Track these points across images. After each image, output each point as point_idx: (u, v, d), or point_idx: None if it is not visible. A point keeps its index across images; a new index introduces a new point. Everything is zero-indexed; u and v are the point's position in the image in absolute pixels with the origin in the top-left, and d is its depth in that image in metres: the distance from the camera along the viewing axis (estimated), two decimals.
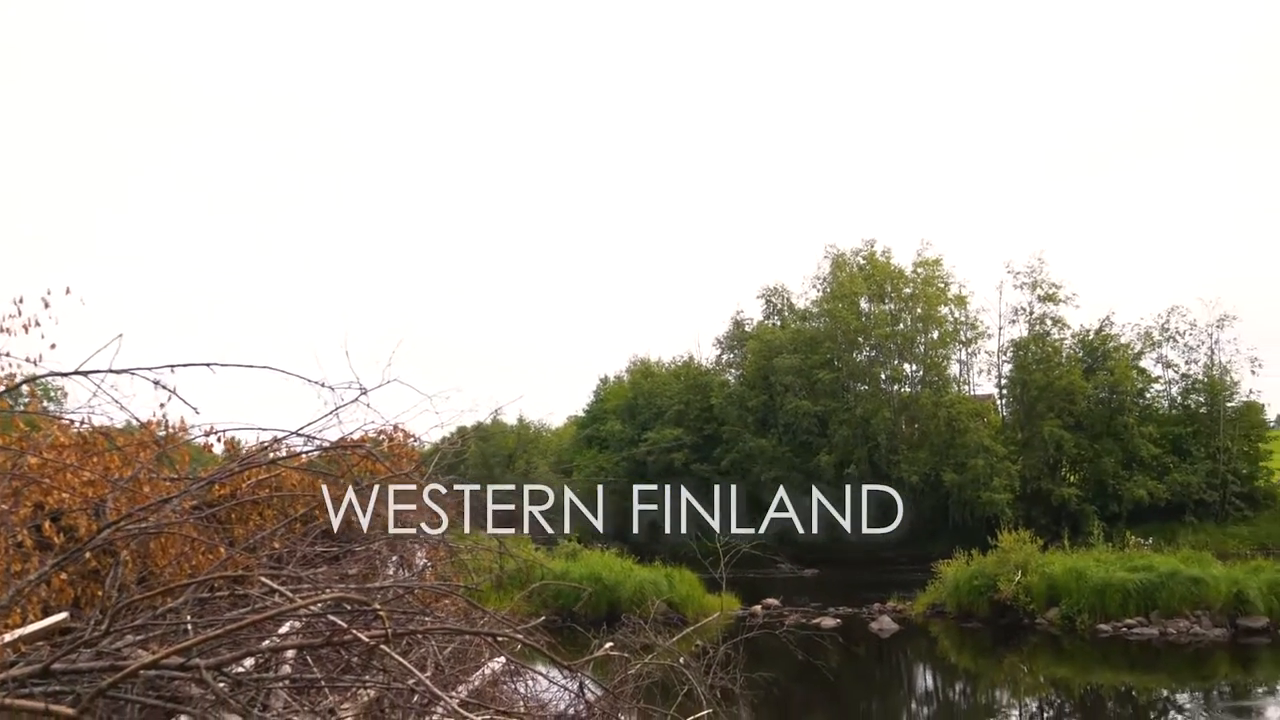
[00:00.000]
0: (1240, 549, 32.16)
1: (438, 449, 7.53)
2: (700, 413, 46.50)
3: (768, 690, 16.75)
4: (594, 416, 55.99)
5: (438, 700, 4.74)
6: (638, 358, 55.24)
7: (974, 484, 37.32)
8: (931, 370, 41.85)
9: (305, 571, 5.53)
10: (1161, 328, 43.07)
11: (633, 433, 48.36)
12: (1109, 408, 40.08)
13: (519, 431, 77.39)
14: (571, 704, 6.09)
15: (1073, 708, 16.12)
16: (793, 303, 47.70)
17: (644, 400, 49.53)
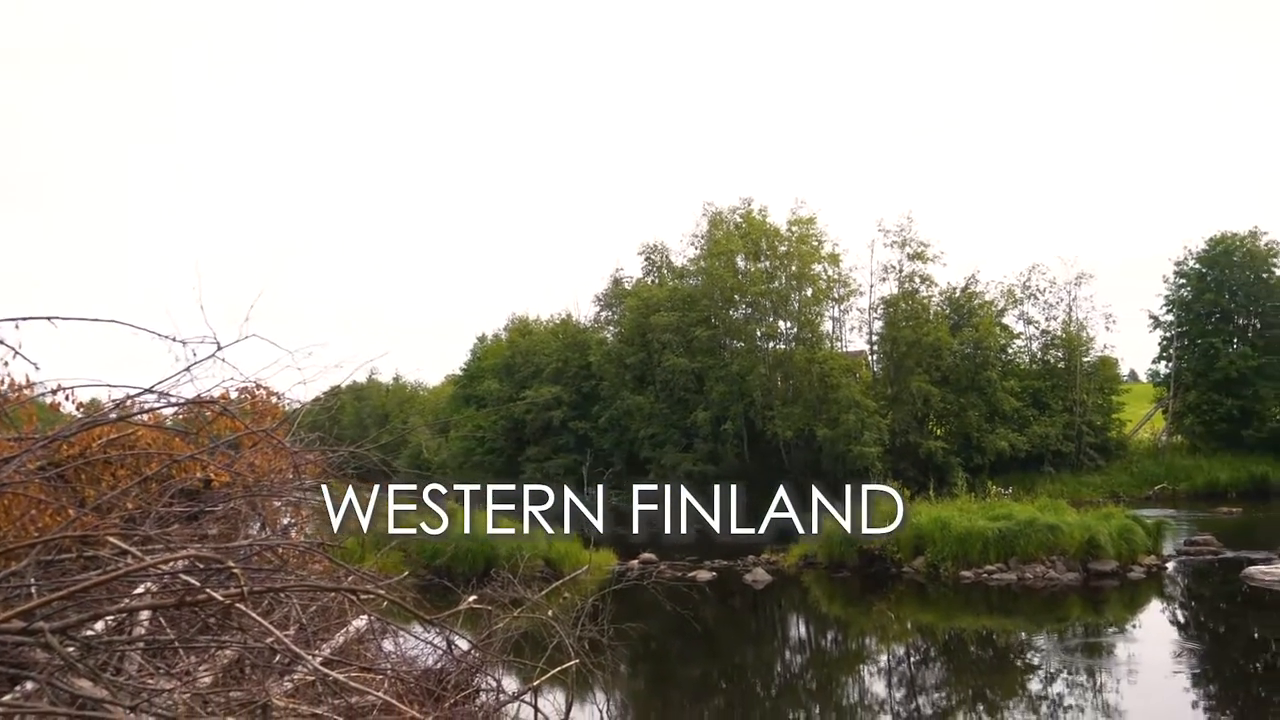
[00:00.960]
0: (1094, 497, 33.76)
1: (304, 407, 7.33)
2: (578, 370, 46.58)
3: (643, 642, 16.99)
4: (471, 375, 55.65)
5: (299, 659, 4.68)
6: (516, 316, 55.08)
7: (846, 438, 38.24)
8: (805, 327, 42.56)
9: (159, 531, 5.37)
10: (1023, 285, 44.87)
11: (511, 391, 48.24)
12: (974, 363, 41.44)
13: (395, 390, 76.46)
14: (439, 659, 6.08)
15: (937, 651, 16.73)
16: (671, 260, 48.02)
17: (522, 358, 49.38)
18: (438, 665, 6.04)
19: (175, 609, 4.66)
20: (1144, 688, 13.35)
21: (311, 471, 7.00)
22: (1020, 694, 13.78)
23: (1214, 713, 12.65)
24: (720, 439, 40.82)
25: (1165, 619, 18.51)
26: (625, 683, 15.62)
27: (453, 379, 62.69)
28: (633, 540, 29.89)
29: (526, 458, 45.40)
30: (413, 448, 60.65)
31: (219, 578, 4.35)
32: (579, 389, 46.16)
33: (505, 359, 50.84)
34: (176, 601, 4.35)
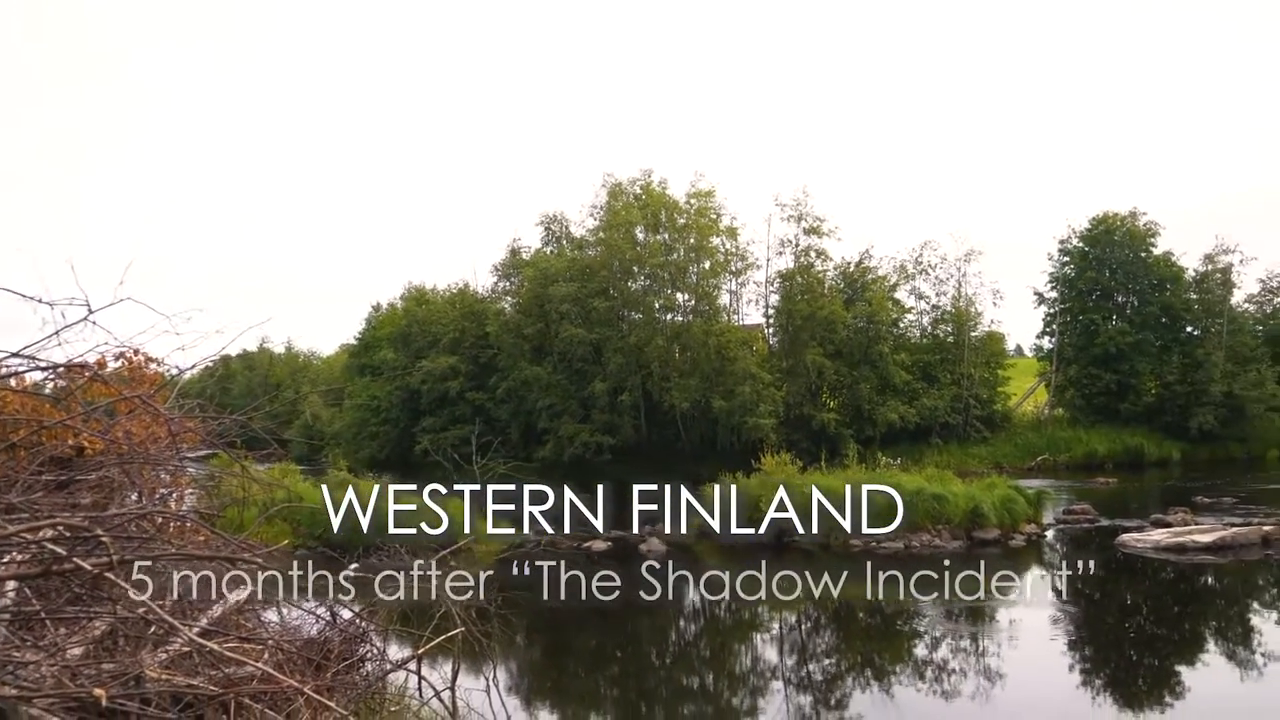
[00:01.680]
0: (979, 468, 34.74)
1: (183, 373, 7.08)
2: (476, 340, 46.13)
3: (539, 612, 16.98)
4: (366, 344, 54.76)
5: (175, 630, 4.54)
6: (412, 284, 54.22)
7: (741, 410, 38.64)
8: (703, 300, 42.78)
9: (25, 499, 5.15)
10: (915, 261, 45.75)
11: (406, 361, 47.58)
12: (866, 337, 42.16)
13: (288, 359, 74.86)
14: (324, 629, 5.97)
15: (828, 618, 17.05)
16: (570, 231, 47.72)
17: (418, 328, 48.71)
18: (322, 635, 5.93)
19: (42, 579, 4.48)
20: (1023, 650, 13.83)
21: (191, 440, 6.78)
22: (906, 658, 14.16)
23: (1089, 674, 13.17)
24: (618, 410, 40.89)
25: (1045, 585, 19.17)
26: (521, 652, 15.61)
27: (347, 348, 61.61)
28: None
29: (422, 428, 44.87)
30: (305, 418, 59.54)
31: (88, 547, 4.19)
32: (476, 359, 45.72)
33: (401, 328, 50.08)
34: (42, 571, 4.19)
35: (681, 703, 13.01)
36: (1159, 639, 15.01)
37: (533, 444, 42.19)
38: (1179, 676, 13.07)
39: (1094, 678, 13.10)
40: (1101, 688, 12.67)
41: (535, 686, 13.77)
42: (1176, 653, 14.12)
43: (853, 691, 12.77)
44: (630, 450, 41.40)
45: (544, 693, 13.47)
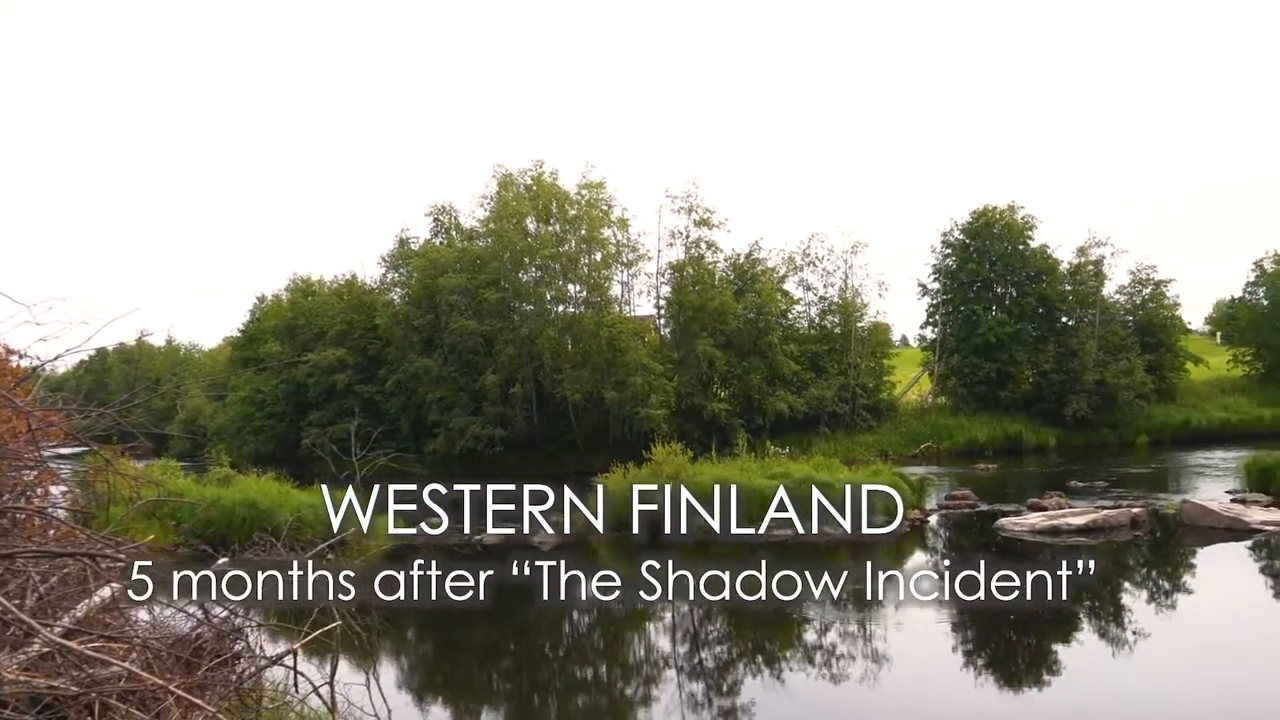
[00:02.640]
0: (865, 455, 35.45)
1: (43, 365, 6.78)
2: (364, 333, 45.34)
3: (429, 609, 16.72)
4: (250, 337, 53.42)
5: (34, 631, 4.35)
6: (298, 276, 53.06)
7: (633, 401, 38.76)
8: (595, 291, 42.77)
9: None
10: (804, 253, 46.48)
11: (292, 354, 46.53)
12: (756, 328, 42.66)
13: (168, 353, 72.64)
14: (196, 626, 5.79)
15: (720, 607, 17.19)
16: (460, 222, 47.24)
17: (304, 320, 47.69)
18: (194, 633, 5.75)
19: None
20: (908, 632, 14.14)
21: (56, 435, 6.49)
22: (796, 644, 14.36)
23: (970, 653, 13.55)
24: (509, 402, 40.62)
25: (927, 569, 19.65)
26: (408, 647, 15.41)
27: (231, 341, 59.99)
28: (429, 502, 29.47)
29: (309, 422, 43.94)
30: (187, 412, 57.81)
31: None
32: (364, 352, 44.94)
33: (286, 320, 48.96)
34: None
35: (568, 697, 12.99)
36: (1033, 620, 15.51)
37: (423, 437, 41.66)
38: (1056, 656, 13.53)
39: (975, 658, 13.50)
40: (982, 667, 13.06)
41: (420, 681, 13.62)
42: (1051, 632, 14.59)
43: (743, 681, 12.90)
44: (522, 442, 41.20)
45: (429, 687, 13.33)
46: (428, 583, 7.81)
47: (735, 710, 11.78)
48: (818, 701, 11.89)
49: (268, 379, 47.09)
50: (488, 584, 8.61)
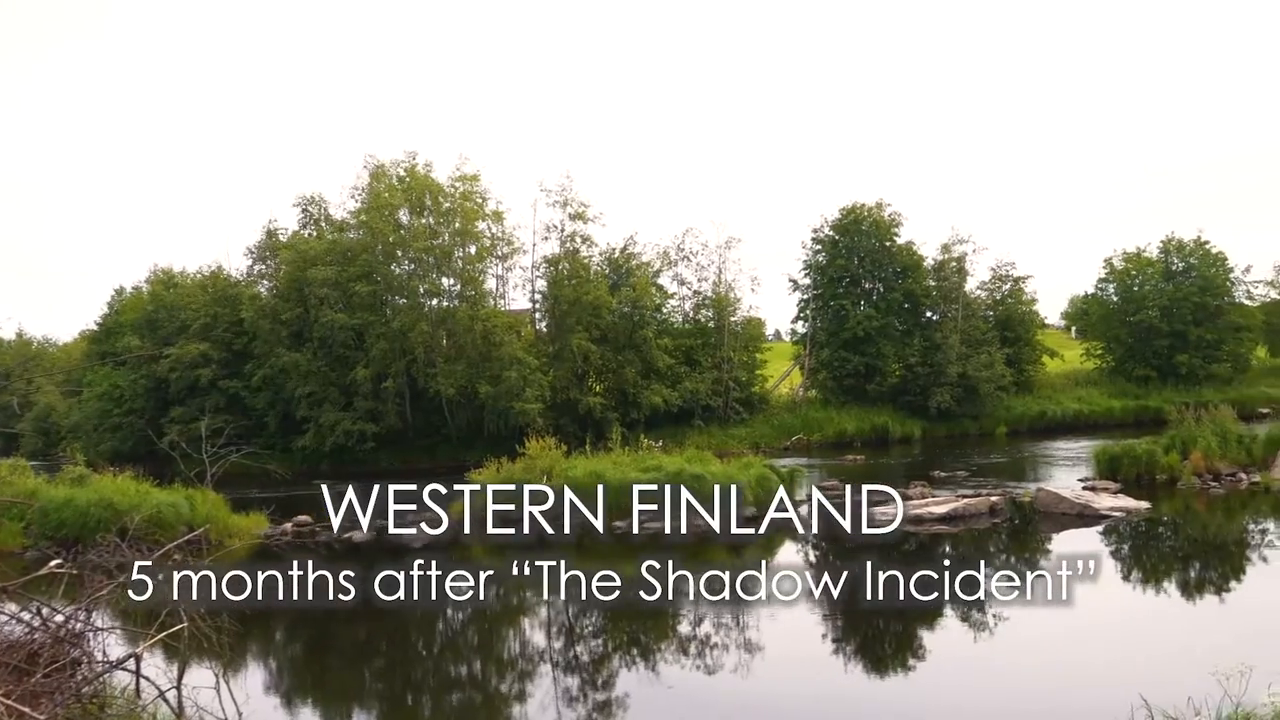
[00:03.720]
0: (738, 448, 35.87)
1: None
2: (229, 326, 43.95)
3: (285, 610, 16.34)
4: (108, 330, 51.32)
5: None
6: (159, 267, 51.16)
7: (508, 395, 38.51)
8: (469, 284, 42.33)
9: None
10: (678, 248, 46.84)
11: (153, 348, 44.85)
12: (631, 322, 42.83)
13: (18, 347, 69.29)
14: (31, 632, 5.50)
15: (589, 606, 17.18)
16: (330, 214, 46.15)
17: (166, 313, 45.99)
18: (28, 638, 5.46)
19: None
20: (781, 620, 14.39)
21: None
22: (670, 635, 14.48)
23: (841, 640, 13.86)
24: (381, 397, 39.91)
25: (797, 558, 20.01)
26: (270, 648, 15.03)
27: (87, 334, 57.51)
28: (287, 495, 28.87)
29: (171, 419, 42.39)
30: (39, 409, 55.29)
31: None
32: (230, 346, 43.55)
33: (147, 313, 47.11)
34: None
35: (432, 696, 12.85)
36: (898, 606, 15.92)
37: (292, 433, 40.63)
38: (920, 637, 13.93)
39: (844, 644, 13.81)
40: (852, 653, 13.38)
41: (276, 682, 13.32)
42: (920, 619, 15.00)
43: (617, 675, 12.95)
44: (395, 438, 40.57)
45: (284, 689, 13.03)
46: (291, 583, 7.62)
47: (608, 705, 11.81)
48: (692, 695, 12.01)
49: (126, 374, 45.29)
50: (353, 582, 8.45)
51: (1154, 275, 54.16)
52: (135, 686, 5.62)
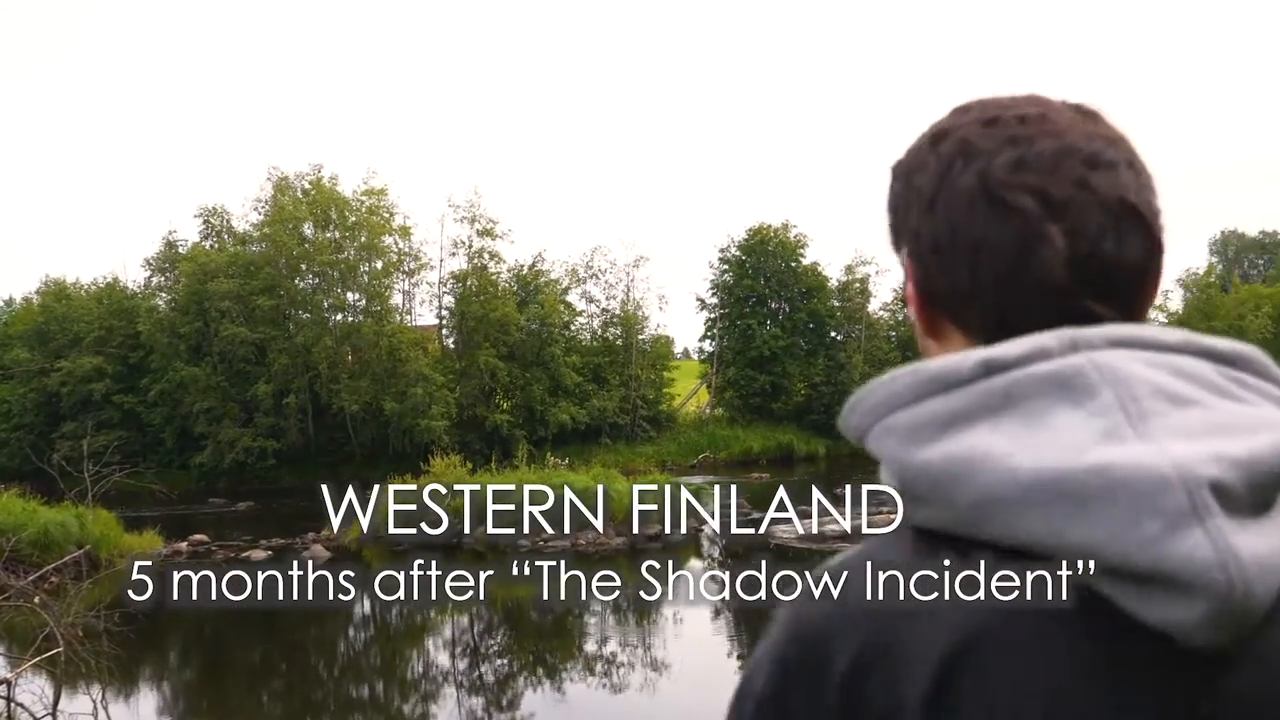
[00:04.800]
0: (645, 466, 36.10)
1: None
2: (125, 339, 42.69)
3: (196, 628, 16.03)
4: None
5: None
6: (50, 278, 49.46)
7: (413, 412, 38.14)
8: (375, 299, 41.86)
9: None
10: (586, 265, 46.88)
11: (44, 361, 43.33)
12: (539, 339, 42.72)
13: None
14: None
15: (499, 619, 17.14)
16: (233, 226, 45.23)
17: (58, 325, 44.45)
18: None
19: None
20: (688, 636, 14.50)
21: None
22: (576, 655, 14.48)
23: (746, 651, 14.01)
24: (283, 413, 39.19)
25: (704, 575, 20.18)
26: (174, 671, 14.69)
27: None
28: (182, 514, 28.18)
29: (61, 434, 40.97)
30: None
31: None
32: (125, 360, 42.29)
33: (37, 325, 45.48)
34: None
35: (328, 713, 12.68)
36: None
37: (189, 450, 39.62)
38: None
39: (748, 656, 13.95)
40: None
41: (156, 708, 12.99)
42: None
43: (523, 690, 12.94)
44: (297, 455, 39.85)
45: (168, 710, 12.73)
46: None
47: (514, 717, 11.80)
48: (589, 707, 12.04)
49: (14, 388, 43.69)
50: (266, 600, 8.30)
51: None
52: (8, 714, 5.46)
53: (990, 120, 0.90)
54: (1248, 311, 60.66)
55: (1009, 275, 0.85)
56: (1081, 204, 0.84)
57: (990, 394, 0.80)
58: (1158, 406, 0.77)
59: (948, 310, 0.92)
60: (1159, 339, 0.83)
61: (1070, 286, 0.84)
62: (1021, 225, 0.84)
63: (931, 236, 0.90)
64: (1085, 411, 0.77)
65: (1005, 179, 0.85)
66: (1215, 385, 0.80)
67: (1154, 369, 0.80)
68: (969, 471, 0.77)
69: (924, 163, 0.93)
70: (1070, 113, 0.91)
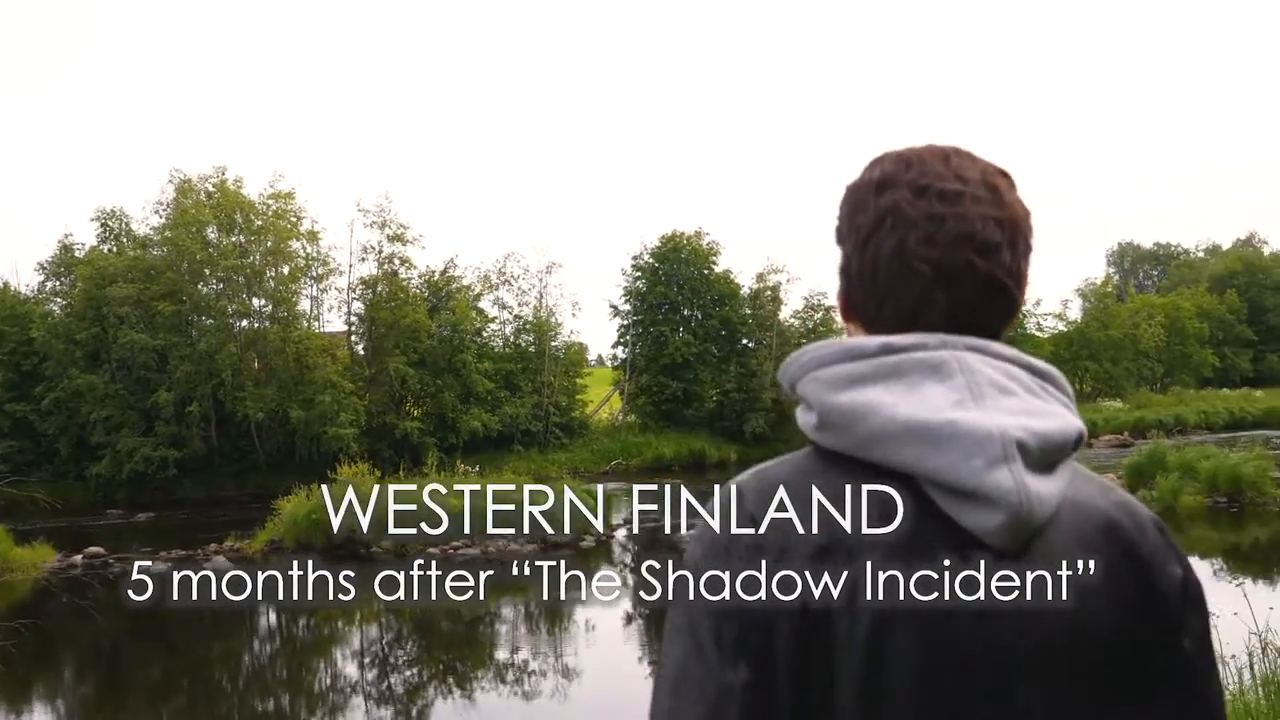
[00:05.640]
0: (557, 473, 35.94)
1: None
2: (17, 346, 41.13)
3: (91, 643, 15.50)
4: None
5: None
6: None
7: (321, 420, 37.46)
8: (281, 305, 41.03)
9: None
10: (499, 271, 46.61)
11: None
12: (451, 346, 42.32)
13: None
14: None
15: (409, 629, 16.90)
16: (132, 229, 43.95)
17: None
18: None
19: None
20: (599, 639, 14.44)
21: None
22: (488, 663, 14.31)
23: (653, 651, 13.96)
24: (185, 422, 38.15)
25: (613, 581, 20.15)
26: (68, 688, 14.17)
27: None
28: (83, 526, 27.30)
29: None
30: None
31: None
32: (18, 367, 40.75)
33: None
34: None
35: None
36: None
37: (86, 459, 38.33)
38: None
39: None
40: None
41: None
42: None
43: (433, 700, 12.74)
44: (199, 464, 38.84)
45: None
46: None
47: None
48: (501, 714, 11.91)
49: None
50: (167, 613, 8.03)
51: None
52: None
53: (921, 189, 1.23)
54: (1141, 320, 62.81)
55: (907, 319, 1.24)
56: (964, 279, 1.22)
57: (885, 366, 1.19)
58: (990, 391, 1.17)
59: (858, 319, 1.32)
60: (999, 351, 1.23)
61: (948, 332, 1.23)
62: (920, 288, 1.22)
63: (859, 269, 1.28)
64: (945, 387, 1.17)
65: (915, 251, 1.22)
66: (1029, 386, 1.22)
67: (992, 369, 1.20)
68: (866, 414, 1.16)
69: (866, 204, 1.27)
70: (984, 189, 1.25)
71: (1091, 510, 1.19)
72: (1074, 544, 1.16)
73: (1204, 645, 1.22)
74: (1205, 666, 1.22)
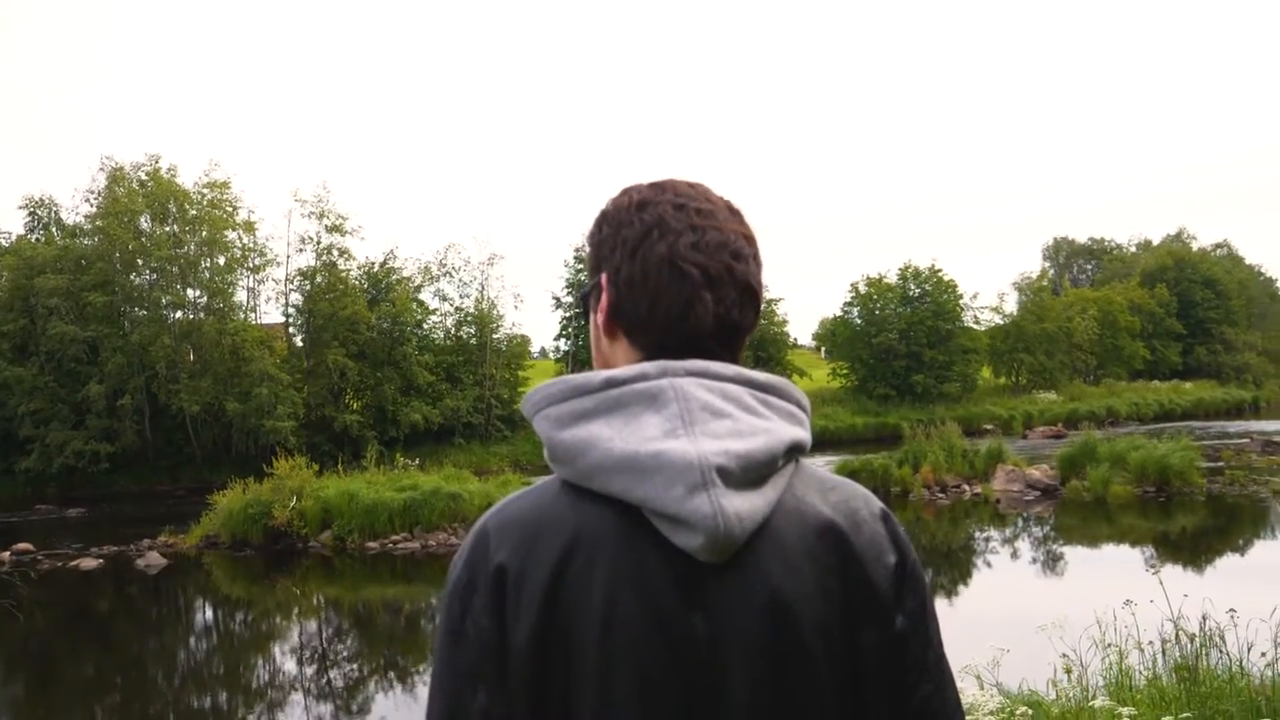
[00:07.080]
0: (499, 466, 35.71)
1: None
2: None
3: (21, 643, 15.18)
4: None
5: None
6: None
7: (258, 412, 36.95)
8: (217, 296, 40.37)
9: None
10: (440, 263, 46.20)
11: None
12: (390, 338, 41.98)
13: None
14: None
15: (347, 624, 16.74)
16: (62, 218, 43.02)
17: None
18: None
19: None
20: None
21: None
22: (429, 657, 14.19)
23: None
24: (117, 415, 37.42)
25: None
26: None
27: None
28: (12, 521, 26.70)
29: None
30: None
31: None
32: None
33: None
34: None
35: None
36: None
37: (14, 454, 37.40)
38: None
39: None
40: None
41: None
42: None
43: (374, 694, 12.63)
44: (133, 458, 38.13)
45: None
46: None
47: None
48: None
49: None
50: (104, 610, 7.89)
51: (893, 300, 57.23)
52: None
53: (680, 206, 1.37)
54: (1075, 314, 63.89)
55: (677, 318, 1.34)
56: (726, 283, 1.35)
57: (608, 400, 1.27)
58: (703, 417, 1.25)
59: (625, 326, 1.39)
60: (720, 372, 1.31)
61: (710, 333, 1.35)
62: (689, 288, 1.33)
63: (629, 276, 1.36)
64: (661, 416, 1.25)
65: (684, 254, 1.33)
66: (746, 404, 1.30)
67: (709, 392, 1.28)
68: (586, 448, 1.24)
69: (630, 220, 1.38)
70: (726, 212, 1.41)
71: (809, 514, 1.30)
72: (785, 549, 1.26)
73: (919, 621, 1.34)
74: (919, 642, 1.33)
